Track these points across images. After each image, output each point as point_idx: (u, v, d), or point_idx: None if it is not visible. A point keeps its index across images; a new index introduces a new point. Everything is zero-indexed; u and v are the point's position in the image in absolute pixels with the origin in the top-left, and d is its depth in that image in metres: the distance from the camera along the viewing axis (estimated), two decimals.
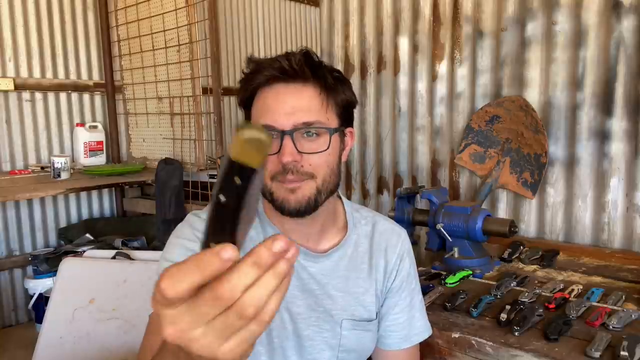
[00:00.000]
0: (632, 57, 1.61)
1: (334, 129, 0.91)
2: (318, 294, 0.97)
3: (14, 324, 2.60)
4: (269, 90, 0.91)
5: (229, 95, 3.47)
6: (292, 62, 0.89)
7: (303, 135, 0.88)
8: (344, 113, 0.96)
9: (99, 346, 1.59)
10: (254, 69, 0.92)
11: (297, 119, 0.87)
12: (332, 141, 0.90)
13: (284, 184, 0.88)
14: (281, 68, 0.89)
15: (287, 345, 0.94)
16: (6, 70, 2.59)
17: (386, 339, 1.04)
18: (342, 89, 0.95)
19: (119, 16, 2.89)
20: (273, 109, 0.89)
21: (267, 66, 0.90)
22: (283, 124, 0.87)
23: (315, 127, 0.88)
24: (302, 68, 0.89)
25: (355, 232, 1.04)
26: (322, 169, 0.90)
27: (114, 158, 2.98)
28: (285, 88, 0.90)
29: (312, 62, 0.91)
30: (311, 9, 4.10)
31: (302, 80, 0.90)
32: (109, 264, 1.78)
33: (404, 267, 1.05)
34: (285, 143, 0.86)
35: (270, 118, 0.88)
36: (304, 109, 0.88)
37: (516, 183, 1.87)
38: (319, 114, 0.89)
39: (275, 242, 0.38)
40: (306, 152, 0.88)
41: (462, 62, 2.00)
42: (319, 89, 0.90)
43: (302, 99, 0.89)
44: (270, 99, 0.90)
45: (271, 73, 0.89)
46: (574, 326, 1.13)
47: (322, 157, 0.89)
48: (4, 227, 2.60)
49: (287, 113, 0.87)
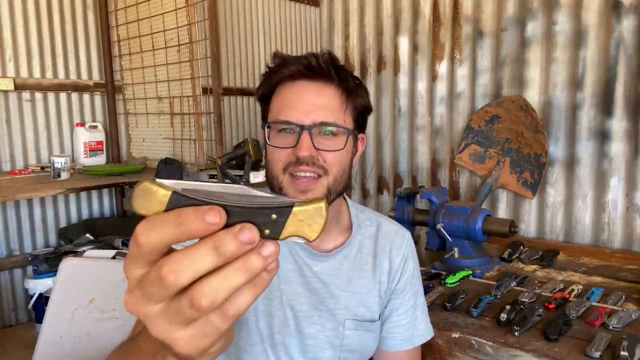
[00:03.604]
0: (632, 57, 1.61)
1: (351, 130, 0.93)
2: (322, 292, 0.97)
3: (14, 324, 2.60)
4: (292, 85, 0.92)
5: (229, 95, 3.48)
6: (319, 60, 0.90)
7: (320, 133, 0.90)
8: (360, 118, 0.98)
9: (99, 346, 1.59)
10: (280, 62, 0.93)
11: (317, 117, 0.89)
12: (348, 142, 0.92)
13: (296, 184, 0.89)
14: (308, 65, 0.90)
15: (289, 342, 0.94)
16: (6, 70, 2.59)
17: (389, 340, 1.05)
18: (361, 93, 0.97)
19: (119, 16, 2.89)
20: (294, 104, 0.90)
21: (293, 61, 0.92)
22: (302, 119, 0.89)
23: (333, 126, 0.90)
24: (329, 67, 0.91)
25: (360, 233, 1.05)
26: (335, 167, 0.91)
27: (114, 158, 2.98)
28: (308, 84, 0.91)
29: (337, 64, 0.93)
30: (311, 9, 4.11)
31: (326, 80, 0.91)
32: (109, 264, 1.78)
33: (408, 268, 1.06)
34: (303, 137, 0.88)
35: (290, 113, 0.90)
36: (324, 107, 0.90)
37: (516, 183, 1.87)
38: (337, 114, 0.91)
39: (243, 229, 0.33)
40: (323, 149, 0.89)
41: (462, 62, 2.00)
42: (341, 90, 0.92)
43: (324, 97, 0.91)
44: (292, 94, 0.91)
45: (297, 68, 0.91)
46: (574, 326, 1.13)
47: (336, 156, 0.91)
48: (4, 227, 2.60)
49: (307, 110, 0.89)
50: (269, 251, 0.34)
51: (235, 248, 0.33)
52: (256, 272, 0.34)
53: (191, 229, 0.32)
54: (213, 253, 0.33)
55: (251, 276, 0.34)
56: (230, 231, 0.33)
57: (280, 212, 0.35)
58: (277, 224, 0.35)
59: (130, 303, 0.35)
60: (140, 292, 0.34)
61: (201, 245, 0.33)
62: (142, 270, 0.34)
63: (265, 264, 0.34)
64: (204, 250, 0.33)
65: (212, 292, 0.33)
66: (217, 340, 0.36)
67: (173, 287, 0.33)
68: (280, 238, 0.35)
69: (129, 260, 0.35)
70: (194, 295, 0.33)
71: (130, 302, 0.35)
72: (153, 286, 0.33)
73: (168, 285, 0.33)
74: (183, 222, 0.32)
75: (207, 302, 0.33)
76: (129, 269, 0.35)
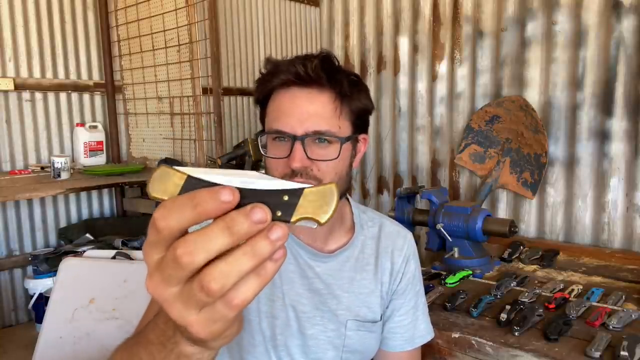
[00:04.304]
0: (632, 57, 1.61)
1: (345, 138, 0.91)
2: (324, 293, 0.97)
3: (14, 324, 2.60)
4: (285, 92, 0.91)
5: (229, 95, 3.48)
6: (307, 67, 0.88)
7: (314, 142, 0.89)
8: (358, 120, 0.96)
9: (99, 346, 1.59)
10: (271, 70, 0.92)
11: (309, 126, 0.88)
12: (343, 150, 0.91)
13: None
14: (297, 73, 0.88)
15: (291, 343, 0.94)
16: (6, 70, 2.59)
17: (390, 341, 1.05)
18: (358, 96, 0.94)
19: (119, 16, 2.89)
20: (286, 114, 0.89)
21: (284, 69, 0.90)
22: (295, 129, 0.87)
23: (326, 136, 0.89)
24: (318, 74, 0.88)
25: (362, 234, 1.05)
26: (329, 175, 0.90)
27: (114, 158, 2.98)
28: (300, 92, 0.90)
29: (330, 67, 0.91)
30: (311, 9, 4.11)
31: (318, 86, 0.89)
32: (109, 264, 1.78)
33: (409, 269, 1.06)
34: (296, 148, 0.87)
35: (282, 123, 0.89)
36: (317, 115, 0.88)
37: (516, 183, 1.87)
38: (331, 121, 0.89)
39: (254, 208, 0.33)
40: (316, 159, 0.89)
41: (462, 62, 2.00)
42: (334, 95, 0.90)
43: (316, 105, 0.89)
44: (284, 102, 0.90)
45: (287, 77, 0.89)
46: (574, 326, 1.13)
47: (330, 165, 0.90)
48: (4, 227, 2.60)
49: (299, 119, 0.88)
50: (277, 235, 0.34)
51: (247, 227, 0.33)
52: (264, 256, 0.34)
53: (206, 209, 0.33)
54: (225, 233, 0.33)
55: (259, 260, 0.34)
56: (242, 211, 0.33)
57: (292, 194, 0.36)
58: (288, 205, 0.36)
59: (151, 287, 0.36)
60: (159, 276, 0.35)
61: (214, 226, 0.34)
62: (161, 254, 0.36)
63: (273, 248, 0.34)
64: (217, 230, 0.33)
65: (222, 276, 0.34)
66: (228, 327, 0.37)
67: (189, 268, 0.34)
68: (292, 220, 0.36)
69: (148, 246, 0.36)
70: (203, 278, 0.34)
71: (151, 286, 0.36)
72: (170, 268, 0.34)
73: (184, 265, 0.34)
74: (199, 204, 0.33)
75: (216, 285, 0.34)
76: (149, 254, 0.36)
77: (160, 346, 0.44)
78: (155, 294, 0.36)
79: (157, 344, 0.44)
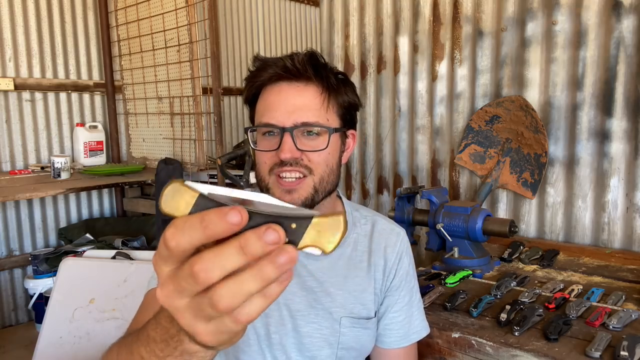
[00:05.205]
0: (632, 57, 1.61)
1: (334, 129, 0.93)
2: (317, 291, 0.97)
3: (14, 324, 2.60)
4: (273, 88, 0.93)
5: (229, 95, 3.48)
6: (295, 61, 0.91)
7: (303, 134, 0.91)
8: (346, 114, 0.98)
9: (99, 346, 1.59)
10: (260, 66, 0.95)
11: (297, 117, 0.90)
12: (332, 141, 0.93)
13: (281, 184, 0.91)
14: (284, 67, 0.91)
15: (286, 341, 0.94)
16: (6, 70, 2.59)
17: (385, 338, 1.05)
18: (345, 90, 0.97)
19: (119, 16, 2.89)
20: (275, 107, 0.91)
21: (271, 64, 0.92)
22: (283, 121, 0.90)
23: (314, 126, 0.91)
24: (305, 67, 0.91)
25: (355, 231, 1.05)
26: (320, 166, 0.92)
27: (114, 158, 2.99)
28: (288, 86, 0.92)
29: (316, 62, 0.93)
30: (311, 8, 4.11)
31: (305, 80, 0.92)
32: (109, 264, 1.78)
33: (402, 266, 1.06)
34: (285, 140, 0.89)
35: (271, 116, 0.91)
36: (305, 107, 0.91)
37: (516, 183, 1.87)
38: (319, 113, 0.92)
39: (268, 230, 0.35)
40: (306, 150, 0.91)
41: (462, 62, 2.00)
42: (321, 88, 0.93)
43: (304, 97, 0.91)
44: (273, 96, 0.92)
45: (275, 71, 0.91)
46: (574, 326, 1.13)
47: (321, 155, 0.92)
48: (4, 227, 2.60)
49: (288, 111, 0.90)
50: (284, 260, 0.35)
51: (260, 248, 0.35)
52: (270, 280, 0.36)
53: (215, 231, 0.35)
54: (239, 252, 0.35)
55: (265, 284, 0.36)
56: (256, 231, 0.35)
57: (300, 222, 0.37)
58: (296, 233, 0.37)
59: (163, 296, 0.38)
60: (173, 287, 0.37)
61: (230, 246, 0.35)
62: (172, 267, 0.38)
63: (280, 272, 0.36)
64: (231, 250, 0.35)
65: (230, 295, 0.36)
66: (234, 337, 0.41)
67: (203, 284, 0.36)
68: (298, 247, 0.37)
69: (160, 260, 0.38)
70: (213, 296, 0.36)
71: (162, 295, 0.38)
72: (185, 282, 0.36)
73: (200, 282, 0.36)
74: (208, 226, 0.35)
75: (224, 304, 0.36)
76: (160, 267, 0.38)
77: (164, 344, 0.45)
78: (167, 303, 0.38)
79: (160, 342, 0.45)
